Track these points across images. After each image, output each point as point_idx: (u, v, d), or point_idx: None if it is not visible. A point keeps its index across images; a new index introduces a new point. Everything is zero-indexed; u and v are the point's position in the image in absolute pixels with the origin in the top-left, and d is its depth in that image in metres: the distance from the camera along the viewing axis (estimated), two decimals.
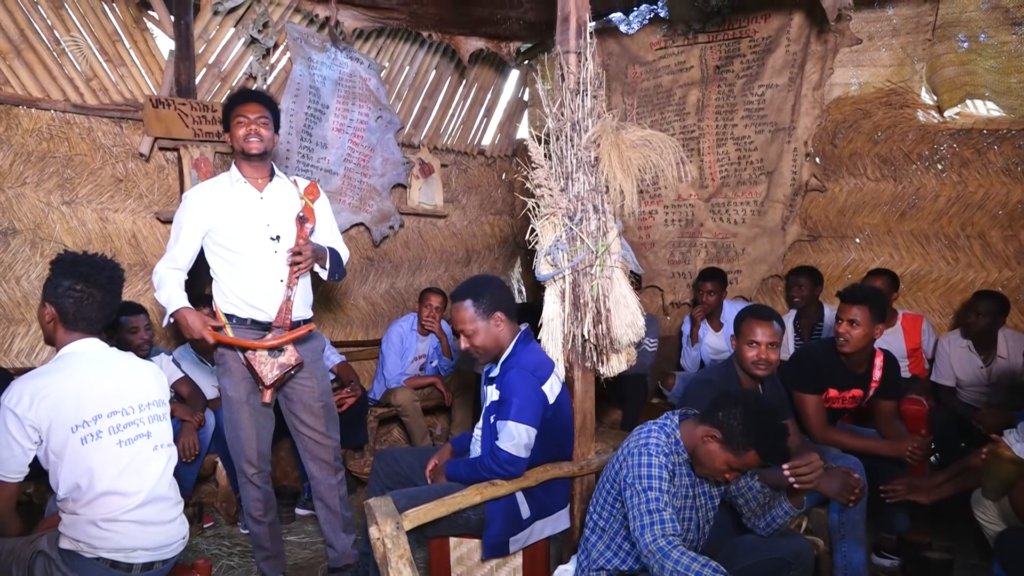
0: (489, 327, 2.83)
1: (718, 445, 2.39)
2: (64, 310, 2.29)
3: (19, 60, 4.02)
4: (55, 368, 2.25)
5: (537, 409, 2.69)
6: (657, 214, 5.69)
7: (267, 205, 3.13)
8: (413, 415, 4.72)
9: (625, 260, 3.05)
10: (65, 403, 2.17)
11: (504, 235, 6.66)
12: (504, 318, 2.84)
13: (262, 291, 3.08)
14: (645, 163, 2.94)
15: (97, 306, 2.32)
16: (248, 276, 3.08)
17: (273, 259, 3.08)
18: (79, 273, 2.30)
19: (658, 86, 5.63)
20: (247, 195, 3.12)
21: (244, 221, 3.08)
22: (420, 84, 5.85)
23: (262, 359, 3.01)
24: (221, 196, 3.11)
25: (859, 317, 3.28)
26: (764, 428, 2.35)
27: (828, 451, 3.25)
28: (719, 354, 4.82)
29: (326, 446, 3.25)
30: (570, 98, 2.94)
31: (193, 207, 3.10)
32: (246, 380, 3.09)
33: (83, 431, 2.18)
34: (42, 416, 2.14)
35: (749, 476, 2.64)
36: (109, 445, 2.22)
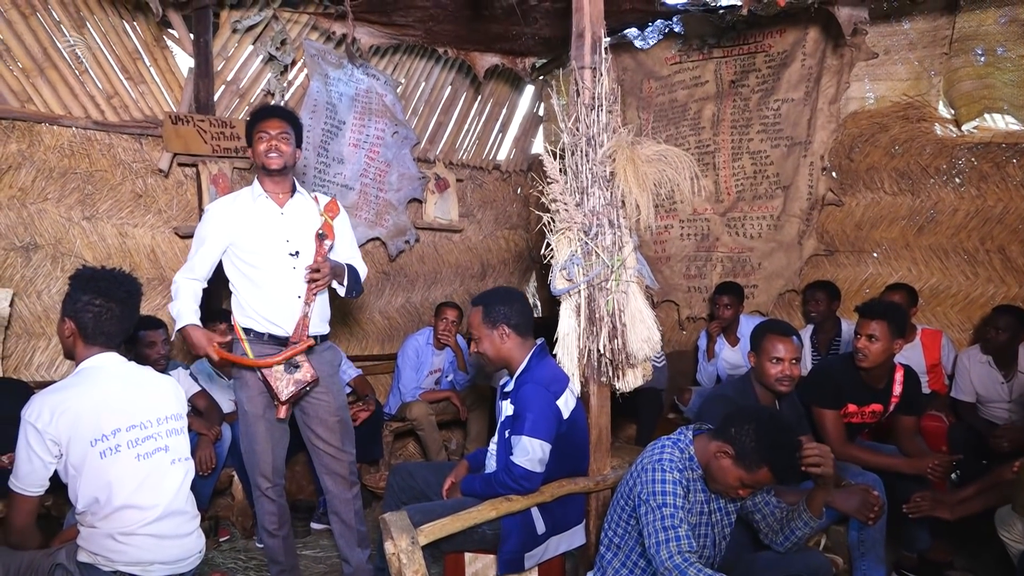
0: (493, 337, 2.86)
1: (730, 461, 2.38)
2: (83, 325, 2.32)
3: (42, 78, 4.09)
4: (75, 383, 2.27)
5: (551, 424, 2.69)
6: (673, 228, 5.68)
7: (287, 221, 3.15)
8: (428, 429, 4.73)
9: (641, 275, 3.04)
10: (84, 417, 2.19)
11: (519, 249, 6.67)
12: (510, 332, 2.85)
13: (280, 307, 3.10)
14: (660, 177, 2.94)
15: (116, 320, 2.34)
16: (266, 291, 3.10)
17: (292, 275, 3.10)
18: (97, 288, 2.33)
19: (673, 101, 5.63)
20: (268, 210, 3.15)
21: (264, 236, 3.10)
22: (436, 100, 5.89)
23: (277, 375, 3.02)
24: (242, 210, 3.14)
25: (878, 332, 3.25)
26: (777, 445, 2.33)
27: (848, 468, 3.22)
28: (736, 369, 4.79)
29: (341, 460, 3.25)
30: (585, 113, 2.95)
31: (215, 219, 3.13)
32: (262, 395, 3.11)
33: (102, 445, 2.20)
34: (62, 430, 2.16)
35: (765, 492, 2.62)
36: (127, 459, 2.24)
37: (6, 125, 4.00)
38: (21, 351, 4.14)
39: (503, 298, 2.92)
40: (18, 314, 4.10)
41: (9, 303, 3.95)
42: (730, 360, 4.90)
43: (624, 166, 2.88)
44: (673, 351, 5.53)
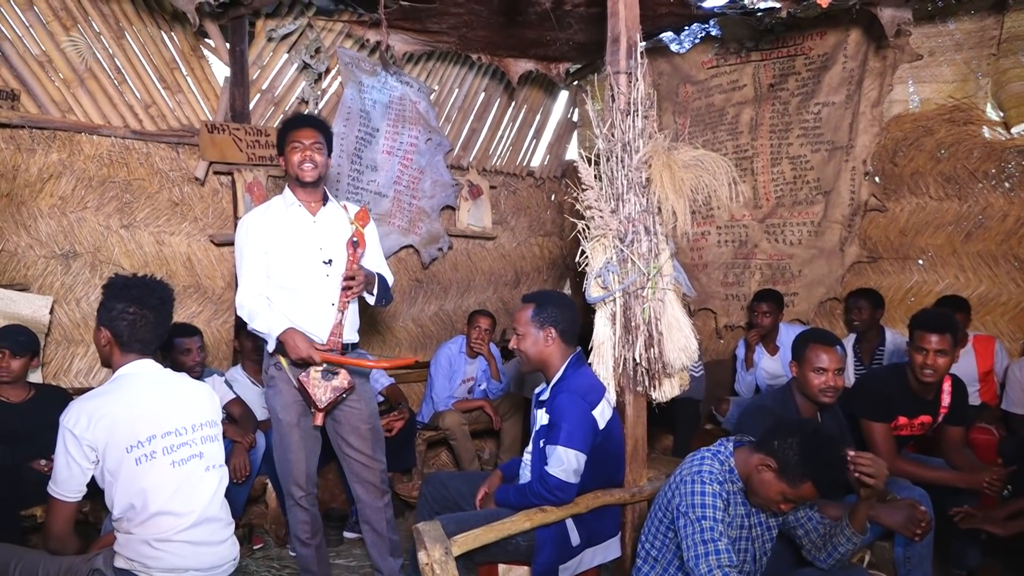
0: (538, 338, 2.85)
1: (773, 475, 2.34)
2: (119, 333, 2.36)
3: (82, 88, 4.19)
4: (111, 389, 2.32)
5: (587, 434, 2.67)
6: (710, 235, 5.63)
7: (320, 229, 3.19)
8: (461, 439, 4.73)
9: (677, 282, 3.02)
10: (121, 424, 2.23)
11: (553, 257, 6.66)
12: (556, 336, 2.84)
13: (313, 314, 3.13)
14: (697, 183, 2.93)
15: (150, 327, 2.39)
16: (300, 299, 3.13)
17: (325, 283, 3.13)
18: (131, 296, 2.37)
19: (710, 105, 5.60)
20: (300, 219, 3.18)
21: (297, 244, 3.14)
22: (469, 106, 5.92)
23: (316, 381, 3.04)
24: (275, 219, 3.18)
25: (947, 346, 3.15)
26: (822, 459, 2.29)
27: (893, 481, 3.15)
28: (775, 379, 4.73)
29: (372, 469, 3.27)
30: (621, 119, 2.95)
31: (250, 231, 3.18)
32: (297, 403, 3.13)
33: (137, 451, 2.24)
34: (99, 436, 2.20)
35: (808, 506, 2.57)
36: (163, 466, 2.27)
37: (47, 135, 4.11)
38: (60, 358, 4.23)
39: (556, 301, 2.92)
40: (57, 321, 4.19)
41: (49, 310, 4.04)
42: (769, 370, 4.83)
43: (660, 172, 2.87)
44: (711, 360, 5.48)
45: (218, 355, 4.73)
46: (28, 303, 3.95)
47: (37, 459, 3.35)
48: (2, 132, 3.98)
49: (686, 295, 3.08)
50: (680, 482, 2.44)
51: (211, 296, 4.71)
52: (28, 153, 4.06)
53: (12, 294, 3.90)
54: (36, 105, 4.07)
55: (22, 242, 4.09)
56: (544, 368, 2.89)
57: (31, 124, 4.02)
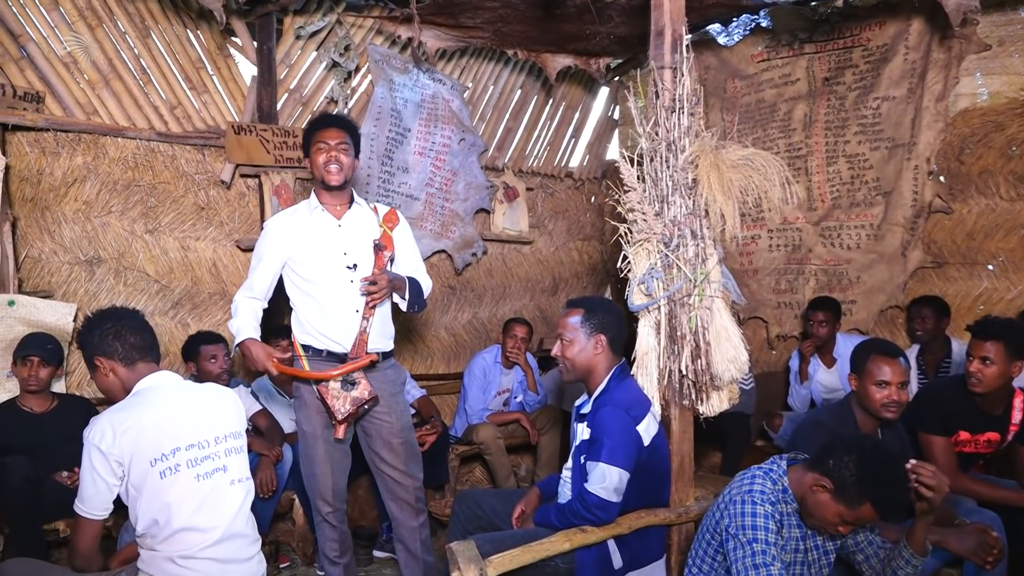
0: (586, 345, 2.84)
1: (829, 496, 2.31)
2: (112, 350, 2.42)
3: (107, 90, 4.29)
4: (134, 402, 2.37)
5: (631, 451, 2.66)
6: (761, 239, 5.59)
7: (345, 233, 3.22)
8: (496, 453, 4.74)
9: (726, 289, 3.00)
10: (145, 436, 2.27)
11: (593, 262, 6.65)
12: (606, 345, 2.84)
13: (337, 322, 3.16)
14: (747, 184, 2.91)
15: (135, 331, 2.46)
16: (324, 306, 3.16)
17: (349, 289, 3.16)
18: (100, 320, 2.47)
19: (760, 101, 5.56)
20: (325, 223, 3.22)
21: (321, 249, 3.18)
22: (504, 104, 5.94)
23: (334, 392, 3.06)
24: (299, 224, 3.22)
25: (993, 354, 3.11)
26: (881, 479, 2.25)
27: (962, 504, 3.08)
28: (832, 393, 4.67)
29: (406, 485, 3.28)
30: (665, 116, 2.94)
31: (272, 236, 3.23)
32: (321, 414, 3.16)
33: (161, 465, 2.28)
34: (124, 450, 2.24)
35: (868, 530, 2.53)
36: (187, 479, 2.31)
37: (72, 138, 4.21)
38: (84, 367, 4.30)
39: (606, 307, 2.92)
40: None
41: (73, 318, 4.13)
42: (825, 383, 4.77)
43: (707, 172, 2.85)
44: (762, 372, 5.43)
45: (244, 364, 4.78)
46: (52, 311, 4.04)
47: (60, 471, 3.43)
48: (27, 135, 4.09)
49: (735, 303, 3.06)
50: (730, 502, 2.41)
51: None
52: (52, 156, 4.17)
53: (36, 301, 4.00)
54: (61, 107, 4.18)
55: (46, 248, 4.20)
56: (587, 379, 2.88)
57: (56, 127, 4.13)
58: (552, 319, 6.29)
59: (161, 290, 4.51)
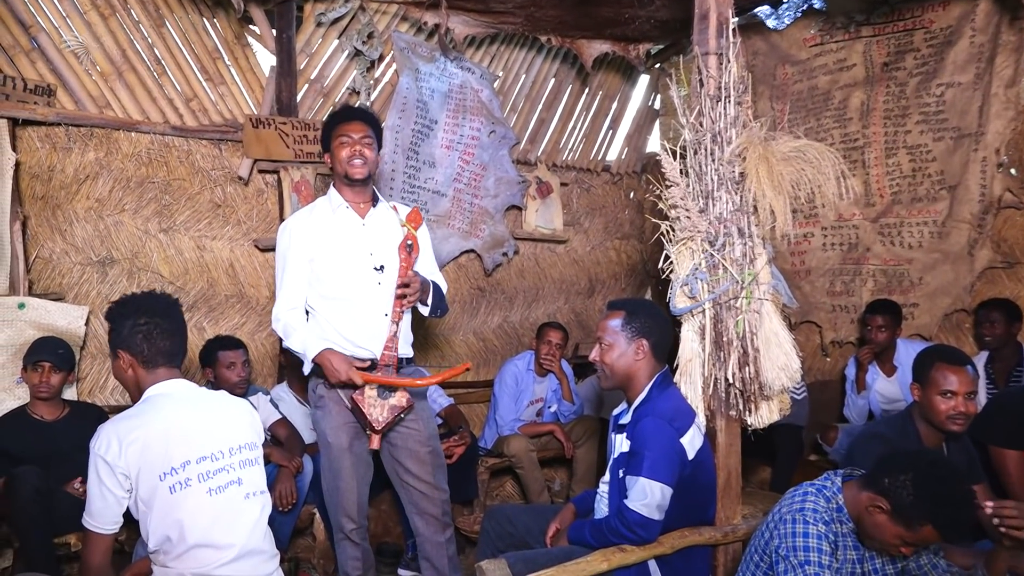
0: (627, 351, 2.84)
1: (886, 517, 2.29)
2: (138, 349, 2.43)
3: (120, 82, 4.37)
4: (142, 411, 2.39)
5: (674, 465, 2.65)
6: (814, 237, 5.55)
7: (369, 232, 3.25)
8: (529, 467, 4.74)
9: (776, 291, 2.99)
10: (153, 448, 2.28)
11: (633, 262, 6.63)
12: (648, 351, 2.83)
13: (365, 326, 3.18)
14: (799, 178, 2.89)
15: (167, 335, 2.45)
16: (350, 310, 3.19)
17: (377, 291, 3.19)
18: (136, 308, 2.46)
19: (813, 88, 5.52)
20: (349, 222, 3.25)
21: (346, 250, 3.20)
22: (537, 94, 5.95)
23: (372, 401, 3.08)
24: (321, 223, 3.25)
25: None
26: (942, 497, 2.22)
27: None
28: (892, 403, 4.62)
29: (433, 498, 3.29)
30: (710, 106, 2.93)
31: (293, 237, 3.24)
32: (349, 425, 3.18)
33: (171, 479, 2.30)
34: (131, 462, 2.26)
35: (933, 552, 2.49)
36: (199, 494, 2.33)
37: (84, 132, 4.30)
38: (96, 373, 4.41)
39: (648, 310, 2.92)
40: (93, 333, 4.37)
41: (85, 321, 4.21)
42: (885, 393, 4.72)
43: (756, 165, 2.84)
44: (815, 381, 5.39)
45: (262, 371, 4.85)
46: (63, 313, 4.12)
47: (72, 482, 3.49)
48: (37, 130, 4.19)
49: (786, 306, 3.04)
50: (780, 521, 2.40)
51: (255, 306, 4.84)
52: (64, 152, 4.26)
53: (47, 304, 4.08)
54: (73, 101, 4.27)
55: (57, 248, 4.29)
56: (627, 386, 2.88)
57: (67, 121, 4.22)
58: (588, 323, 6.28)
59: (176, 292, 4.56)
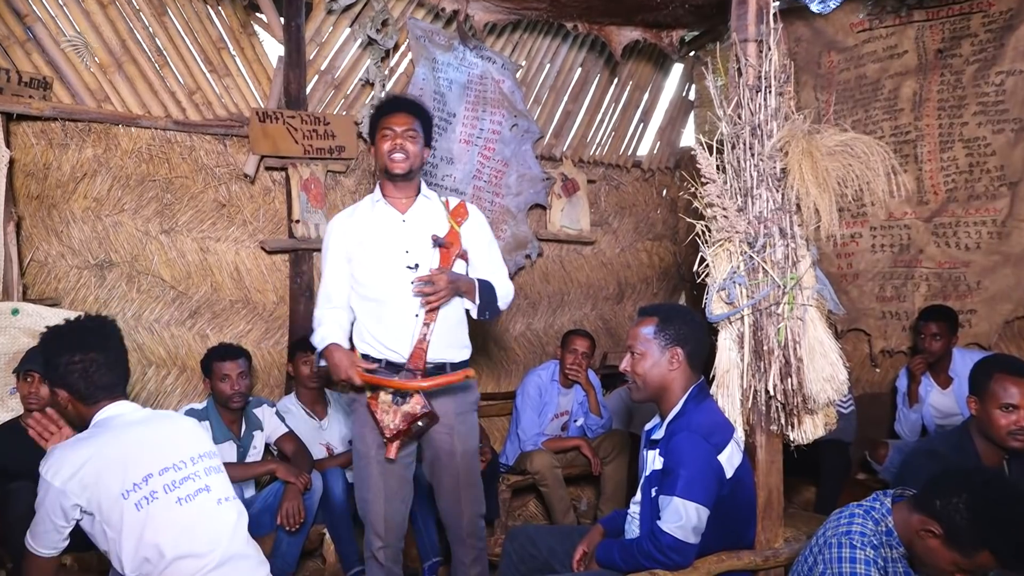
0: (661, 360, 2.83)
1: (939, 542, 2.27)
2: (75, 387, 2.49)
3: (120, 74, 4.41)
4: (92, 434, 2.45)
5: (711, 484, 2.64)
6: (862, 238, 5.52)
7: (409, 229, 3.30)
8: (553, 485, 4.73)
9: (821, 296, 2.98)
10: (111, 468, 2.33)
11: (665, 265, 6.62)
12: (683, 360, 2.83)
13: (396, 328, 3.23)
14: (846, 174, 2.89)
15: (105, 369, 2.51)
16: (381, 310, 3.25)
17: (408, 291, 3.22)
18: (69, 343, 2.51)
19: (861, 77, 5.50)
20: (387, 217, 3.32)
21: (381, 247, 3.27)
22: (563, 85, 5.96)
23: (384, 406, 3.13)
24: (361, 220, 3.34)
25: None
26: (1000, 522, 2.19)
27: None
28: (947, 418, 4.59)
29: (459, 516, 3.36)
30: (749, 96, 2.93)
31: (333, 236, 3.37)
32: (375, 431, 3.23)
33: (135, 495, 2.33)
34: (86, 487, 2.30)
35: None
36: (167, 505, 2.37)
37: (82, 128, 4.34)
38: None
39: (684, 316, 2.91)
40: None
41: None
42: (939, 406, 4.69)
43: (799, 160, 2.84)
44: (864, 394, 5.37)
45: (269, 381, 4.88)
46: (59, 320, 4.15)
47: None
48: (32, 126, 4.22)
49: (832, 312, 3.02)
50: (825, 545, 2.39)
51: (262, 312, 4.87)
52: (60, 149, 4.30)
53: (42, 310, 4.11)
54: (70, 94, 4.31)
55: (53, 250, 4.33)
56: (660, 399, 2.87)
57: (64, 116, 4.25)
58: (617, 330, 6.27)
59: (178, 297, 4.61)
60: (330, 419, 4.43)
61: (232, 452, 3.95)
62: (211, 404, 3.97)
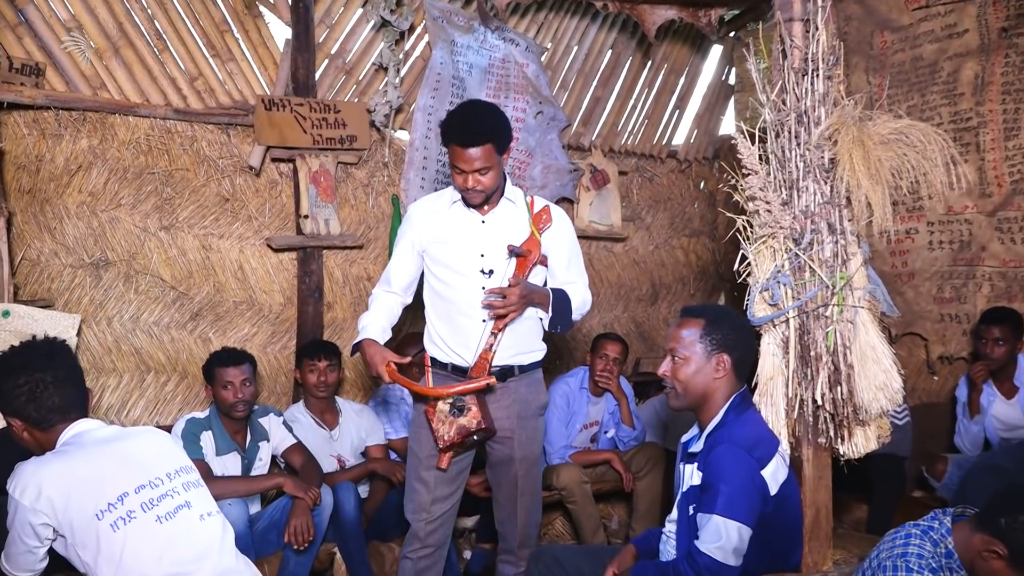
0: (706, 367, 2.82)
1: (1003, 564, 2.26)
2: (23, 412, 2.51)
3: (116, 59, 4.45)
4: (61, 452, 2.48)
5: (754, 502, 2.63)
6: (918, 234, 5.49)
7: (487, 231, 3.35)
8: (582, 502, 4.73)
9: (873, 298, 2.96)
10: (81, 489, 2.35)
11: (703, 264, 6.60)
12: (730, 367, 2.81)
13: (461, 332, 3.32)
14: (900, 165, 2.88)
15: (54, 389, 2.51)
16: (451, 313, 3.34)
17: (480, 296, 3.28)
18: (12, 368, 2.53)
19: (917, 59, 5.46)
20: (466, 218, 3.37)
21: (457, 247, 3.33)
22: (592, 69, 5.96)
23: (441, 416, 3.22)
24: (440, 213, 3.42)
25: None
26: None
27: None
28: (1012, 430, 4.55)
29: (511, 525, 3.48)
30: (795, 80, 2.93)
31: (411, 222, 3.46)
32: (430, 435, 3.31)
33: (111, 515, 2.35)
34: (56, 506, 2.32)
35: None
36: (146, 524, 2.39)
37: (76, 117, 4.39)
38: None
39: (733, 320, 2.89)
40: (85, 344, 4.46)
41: (76, 331, 4.28)
42: (1003, 417, 4.65)
43: (849, 150, 2.83)
44: (920, 404, 5.34)
45: (275, 389, 4.91)
46: (52, 322, 4.20)
47: None
48: (24, 115, 4.27)
49: (885, 315, 3.01)
50: (879, 568, 2.38)
51: (267, 315, 4.91)
52: (54, 140, 4.35)
53: (35, 312, 4.15)
54: (64, 81, 4.35)
55: (46, 248, 4.38)
56: (700, 408, 2.86)
57: (57, 104, 4.30)
58: (651, 334, 6.26)
59: (178, 298, 4.65)
60: (341, 429, 4.44)
61: (236, 464, 3.97)
62: (214, 413, 3.98)
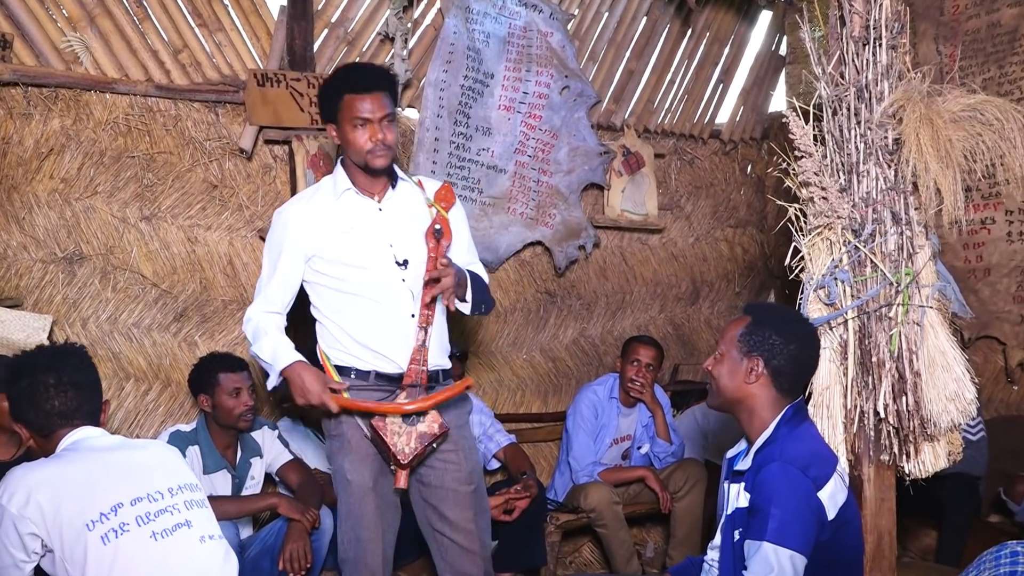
0: (738, 369, 2.81)
1: None
2: (26, 415, 2.57)
3: (92, 29, 4.46)
4: (58, 457, 2.53)
5: (809, 527, 2.62)
6: (995, 225, 5.46)
7: (388, 219, 3.31)
8: (613, 525, 4.73)
9: (943, 296, 2.95)
10: (73, 496, 2.39)
11: (750, 258, 6.59)
12: (764, 373, 2.78)
13: (388, 333, 3.25)
14: (974, 146, 2.87)
15: (56, 392, 2.56)
16: (368, 315, 3.26)
17: (400, 290, 3.25)
18: (20, 369, 2.60)
19: (994, 26, 5.44)
20: (360, 207, 3.32)
21: (359, 242, 3.27)
22: (624, 39, 5.95)
23: (395, 428, 3.10)
24: (324, 210, 3.32)
25: None
26: None
27: None
28: None
29: (473, 553, 3.31)
30: (854, 51, 2.92)
31: (291, 228, 3.31)
32: (370, 459, 3.24)
33: (102, 527, 2.38)
34: (45, 514, 2.35)
35: None
36: (140, 540, 2.41)
37: (47, 94, 4.41)
38: None
39: (780, 323, 2.85)
40: None
41: (48, 333, 4.31)
42: None
43: (916, 129, 2.82)
44: (997, 417, 5.32)
45: (270, 400, 4.91)
46: (21, 324, 4.23)
47: None
48: None
49: (957, 316, 3.00)
50: None
51: None
52: (22, 120, 4.36)
53: (1, 312, 4.19)
54: (33, 54, 4.37)
55: (13, 241, 4.40)
56: (739, 415, 2.85)
57: (26, 80, 4.31)
58: (691, 337, 6.26)
59: (161, 297, 4.67)
60: None
61: (226, 484, 3.99)
62: (201, 425, 4.00)
